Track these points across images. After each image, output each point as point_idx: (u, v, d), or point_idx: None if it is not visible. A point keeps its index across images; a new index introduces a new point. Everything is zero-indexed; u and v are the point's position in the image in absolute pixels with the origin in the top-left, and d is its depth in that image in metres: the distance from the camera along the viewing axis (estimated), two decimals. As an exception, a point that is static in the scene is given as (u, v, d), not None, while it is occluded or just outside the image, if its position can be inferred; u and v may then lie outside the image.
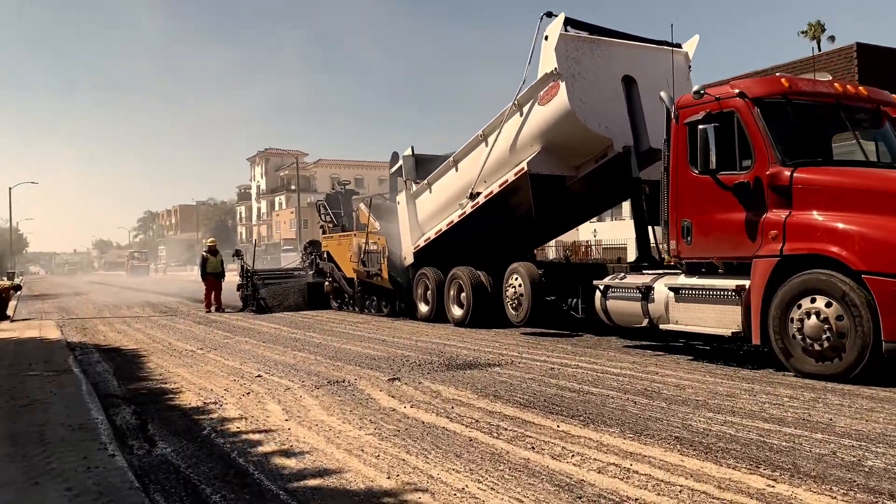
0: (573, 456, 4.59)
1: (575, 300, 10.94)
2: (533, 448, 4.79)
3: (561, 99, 10.28)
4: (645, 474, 4.16)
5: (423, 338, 11.45)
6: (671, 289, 8.54)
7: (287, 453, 4.82)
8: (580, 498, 3.79)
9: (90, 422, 5.71)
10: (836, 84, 8.32)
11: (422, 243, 13.92)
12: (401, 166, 14.74)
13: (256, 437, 5.30)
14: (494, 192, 11.80)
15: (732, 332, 7.66)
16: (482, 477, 4.20)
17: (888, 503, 3.60)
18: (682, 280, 8.53)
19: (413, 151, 14.58)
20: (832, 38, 60.07)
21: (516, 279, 11.48)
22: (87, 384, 7.55)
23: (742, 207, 7.72)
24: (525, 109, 11.11)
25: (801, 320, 6.95)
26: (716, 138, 7.68)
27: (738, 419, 5.45)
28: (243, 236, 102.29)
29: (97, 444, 5.01)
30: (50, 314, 19.27)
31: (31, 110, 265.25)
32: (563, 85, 10.20)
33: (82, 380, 7.83)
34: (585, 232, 39.13)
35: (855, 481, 3.93)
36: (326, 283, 17.95)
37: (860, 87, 8.40)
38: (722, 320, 7.81)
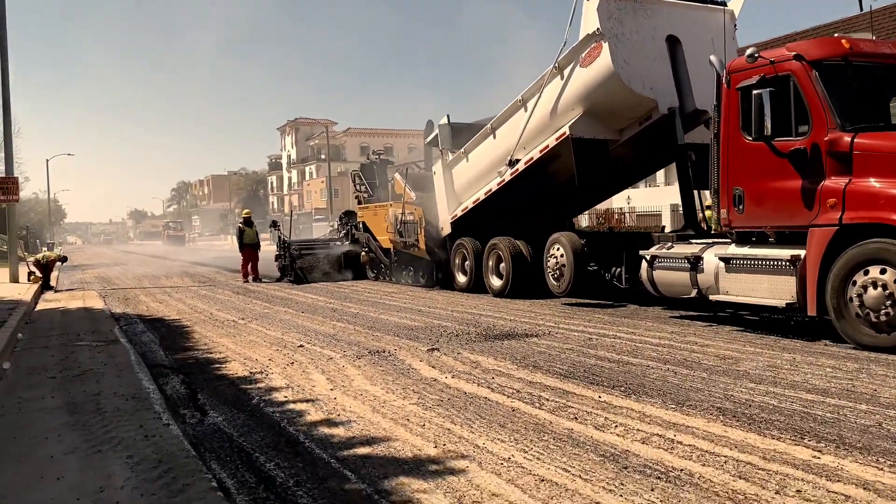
0: (616, 426, 4.64)
1: (619, 270, 10.76)
2: (576, 418, 4.86)
3: (604, 60, 10.08)
4: (689, 445, 4.20)
5: (458, 308, 11.54)
6: (722, 259, 8.37)
7: (335, 422, 4.95)
8: (626, 468, 3.85)
9: (142, 391, 5.91)
10: None
11: (459, 213, 13.83)
12: (436, 135, 14.60)
13: (303, 406, 5.44)
14: (535, 158, 11.63)
15: (787, 303, 7.52)
16: (527, 447, 4.27)
17: (937, 475, 3.61)
18: (733, 250, 8.34)
19: (448, 120, 14.47)
20: (875, -7, 58.04)
21: (558, 249, 11.32)
22: (136, 354, 7.79)
23: (798, 175, 7.48)
24: (566, 72, 10.92)
25: (862, 290, 6.77)
26: (771, 103, 7.43)
27: (780, 390, 5.45)
28: (275, 206, 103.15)
29: (151, 413, 5.20)
30: (91, 284, 19.74)
31: (68, 81, 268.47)
32: (605, 46, 10.01)
33: (130, 350, 8.08)
34: (619, 199, 38.70)
35: (902, 453, 3.94)
36: (363, 253, 18.05)
37: None
38: (775, 291, 7.65)
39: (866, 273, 6.75)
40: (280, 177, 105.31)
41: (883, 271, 6.63)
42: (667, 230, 26.67)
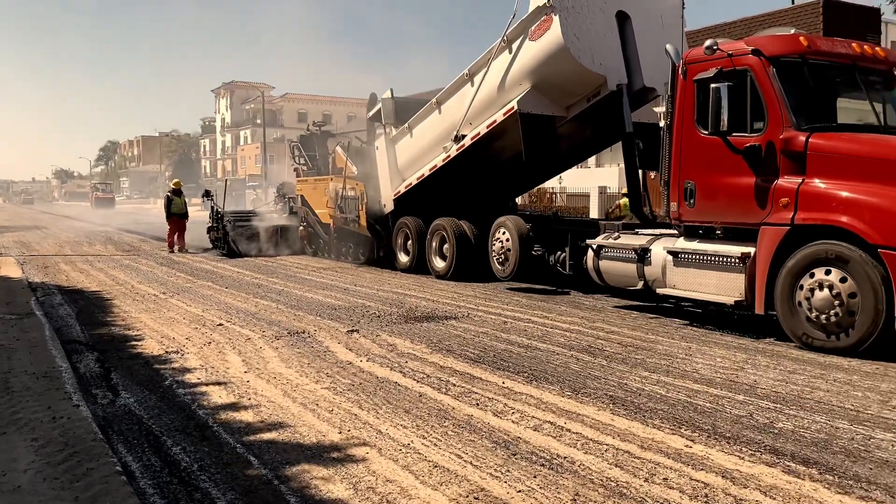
0: (513, 413, 4.94)
1: (563, 255, 10.76)
2: (477, 405, 5.13)
3: (554, 33, 9.98)
4: (576, 433, 4.52)
5: (384, 287, 11.72)
6: (670, 252, 8.33)
7: (245, 406, 5.09)
8: (515, 455, 4.14)
9: (54, 370, 5.90)
10: (853, 44, 7.94)
11: (402, 189, 13.64)
12: (379, 109, 14.27)
13: (216, 388, 5.56)
14: (482, 133, 11.53)
15: (735, 301, 7.51)
16: (427, 433, 4.52)
17: (788, 463, 4.01)
18: (682, 244, 8.32)
19: (392, 94, 14.16)
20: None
21: (504, 233, 11.28)
22: (51, 329, 7.69)
23: (752, 172, 7.45)
24: (515, 46, 10.80)
25: (811, 292, 6.78)
26: (729, 98, 7.36)
27: (670, 379, 5.85)
28: (207, 170, 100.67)
29: (61, 393, 5.22)
30: (9, 249, 19.11)
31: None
32: (556, 18, 9.90)
33: (45, 324, 7.97)
34: (551, 180, 39.36)
35: (763, 442, 4.34)
36: (301, 227, 17.78)
37: (877, 48, 8.10)
38: (723, 287, 7.65)
39: (816, 275, 6.79)
40: (213, 140, 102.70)
41: (831, 273, 6.68)
42: (593, 213, 27.37)
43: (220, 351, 6.87)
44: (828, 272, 6.69)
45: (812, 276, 6.81)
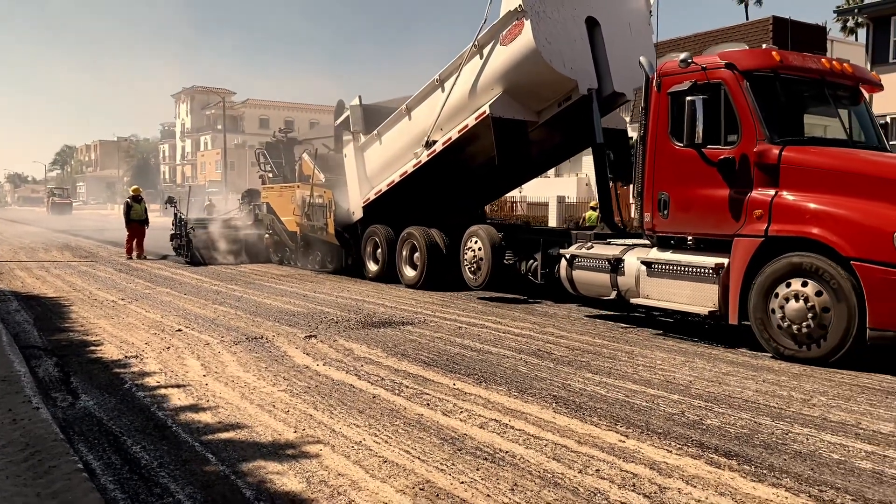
0: (462, 412, 5.20)
1: (534, 265, 10.73)
2: (428, 405, 5.39)
3: (526, 38, 10.07)
4: (519, 430, 4.81)
5: (343, 293, 11.92)
6: (644, 262, 8.40)
7: (203, 408, 5.27)
8: (460, 450, 4.40)
9: (13, 374, 6.00)
10: (822, 59, 8.16)
11: (372, 196, 13.53)
12: (347, 117, 14.25)
13: (175, 391, 5.72)
14: (453, 138, 11.52)
15: (709, 311, 7.59)
16: (378, 431, 4.76)
17: (712, 455, 4.34)
18: (655, 254, 8.39)
19: (360, 101, 14.11)
20: (759, 3, 61.62)
21: (476, 242, 11.32)
22: (8, 335, 7.74)
23: (726, 184, 7.56)
24: (486, 51, 10.89)
25: (784, 302, 6.91)
26: (703, 111, 7.46)
27: (612, 380, 6.18)
28: (166, 176, 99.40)
29: (21, 396, 5.34)
30: (-38, 256, 18.81)
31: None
32: (527, 23, 9.99)
33: (2, 330, 8.00)
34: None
35: (691, 437, 4.68)
36: (267, 235, 17.55)
37: (845, 64, 8.24)
38: (697, 298, 7.74)
39: (789, 286, 6.90)
40: (173, 146, 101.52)
41: (805, 284, 6.79)
42: (552, 221, 27.82)
43: (178, 355, 7.01)
44: (804, 284, 6.81)
45: (788, 285, 6.92)
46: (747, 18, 49.31)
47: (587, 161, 30.39)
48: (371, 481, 3.92)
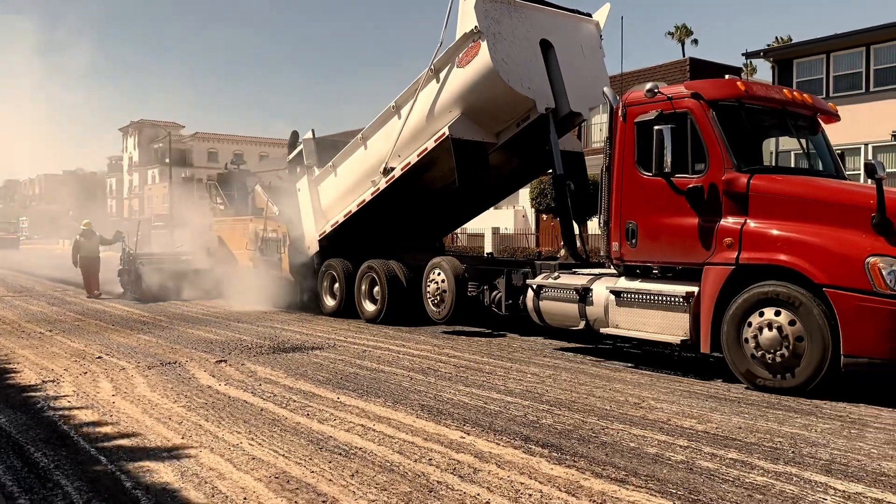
0: (335, 420, 5.98)
1: (498, 296, 10.61)
2: (307, 415, 6.15)
3: (483, 58, 10.19)
4: (379, 432, 5.61)
5: (265, 323, 12.59)
6: (613, 292, 8.39)
7: (106, 422, 5.95)
8: (321, 449, 5.18)
9: (-67, 398, 6.57)
10: (784, 90, 8.36)
11: (328, 229, 13.32)
12: (301, 151, 14.20)
13: (83, 409, 6.38)
14: (412, 162, 11.48)
15: (681, 340, 7.59)
16: (256, 436, 5.51)
17: (531, 446, 5.20)
18: (624, 283, 8.38)
19: (314, 134, 14.14)
20: (696, 42, 64.69)
21: (439, 274, 11.22)
22: (-68, 365, 8.27)
23: (694, 212, 7.59)
24: (442, 75, 10.95)
25: (758, 331, 6.92)
26: (671, 140, 7.54)
27: (480, 391, 7.03)
28: (113, 209, 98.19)
29: (-61, 416, 5.94)
30: None
31: None
32: (484, 44, 10.14)
33: (-73, 361, 8.52)
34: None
35: (522, 433, 5.53)
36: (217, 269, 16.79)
37: (805, 94, 8.44)
38: (668, 327, 7.74)
39: (762, 315, 6.91)
40: (120, 179, 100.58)
41: (778, 313, 6.81)
42: (487, 250, 28.79)
43: (93, 379, 7.64)
44: (777, 313, 6.83)
45: (761, 314, 6.93)
46: (683, 55, 52.21)
47: (523, 193, 31.60)
48: (236, 473, 4.67)
